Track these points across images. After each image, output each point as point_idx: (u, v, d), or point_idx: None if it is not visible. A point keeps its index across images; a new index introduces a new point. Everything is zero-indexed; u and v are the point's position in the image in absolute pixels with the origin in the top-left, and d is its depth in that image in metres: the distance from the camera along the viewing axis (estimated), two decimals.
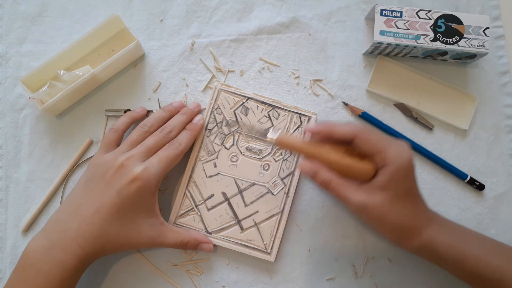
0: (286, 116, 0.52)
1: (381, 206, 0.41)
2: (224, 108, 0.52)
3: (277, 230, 0.49)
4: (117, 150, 0.46)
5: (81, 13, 0.55)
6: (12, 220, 0.51)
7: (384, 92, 0.54)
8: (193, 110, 0.51)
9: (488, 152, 0.54)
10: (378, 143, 0.41)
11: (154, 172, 0.43)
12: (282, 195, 0.50)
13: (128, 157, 0.44)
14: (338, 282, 0.50)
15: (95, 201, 0.43)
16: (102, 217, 0.42)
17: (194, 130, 0.49)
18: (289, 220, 0.50)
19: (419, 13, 0.51)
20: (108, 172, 0.43)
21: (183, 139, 0.47)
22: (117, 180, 0.43)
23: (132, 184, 0.42)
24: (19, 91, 0.53)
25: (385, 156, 0.41)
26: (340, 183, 0.42)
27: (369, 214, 0.42)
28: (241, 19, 0.56)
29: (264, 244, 0.49)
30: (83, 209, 0.43)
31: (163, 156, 0.45)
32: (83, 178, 0.46)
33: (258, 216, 0.50)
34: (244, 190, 0.50)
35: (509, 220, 0.53)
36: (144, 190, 0.43)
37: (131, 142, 0.46)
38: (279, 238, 0.49)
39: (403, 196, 0.42)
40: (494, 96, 0.55)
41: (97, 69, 0.50)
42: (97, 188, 0.43)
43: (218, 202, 0.50)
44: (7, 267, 0.50)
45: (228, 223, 0.49)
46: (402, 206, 0.42)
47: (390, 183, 0.41)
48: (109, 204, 0.42)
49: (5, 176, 0.52)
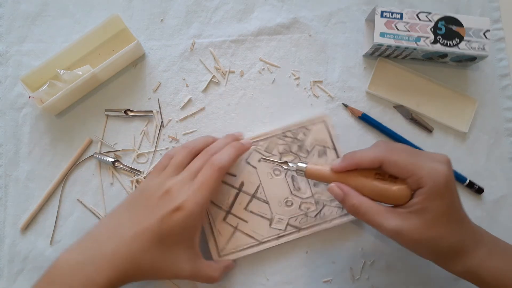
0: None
1: (417, 230, 0.38)
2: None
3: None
4: (164, 174, 0.44)
5: (81, 12, 0.55)
6: (11, 218, 0.51)
7: (384, 94, 0.54)
8: (236, 136, 0.50)
9: (488, 155, 0.54)
10: (407, 166, 0.38)
11: (199, 200, 0.41)
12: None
13: (174, 183, 0.42)
14: (336, 285, 0.50)
15: (136, 224, 0.41)
16: (141, 242, 0.40)
17: (239, 149, 0.46)
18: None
19: (420, 15, 0.50)
20: (154, 196, 0.42)
21: (225, 156, 0.44)
22: (161, 207, 0.41)
23: (176, 212, 0.40)
24: (19, 90, 0.53)
25: (417, 178, 0.38)
26: (370, 209, 0.39)
27: (405, 239, 0.39)
28: (241, 19, 0.56)
29: None
30: (123, 230, 0.41)
31: (205, 179, 0.42)
32: (129, 198, 0.44)
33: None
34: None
35: (507, 224, 0.52)
36: (187, 221, 0.41)
37: (176, 166, 0.45)
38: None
39: (442, 217, 0.38)
40: (494, 99, 0.55)
41: (97, 69, 0.50)
42: (141, 211, 0.42)
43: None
44: (5, 265, 0.50)
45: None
46: (441, 229, 0.38)
47: (426, 206, 0.38)
48: (150, 230, 0.40)
49: (5, 174, 0.52)
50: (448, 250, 0.39)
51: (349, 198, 0.40)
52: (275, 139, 0.51)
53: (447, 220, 0.38)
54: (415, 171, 0.38)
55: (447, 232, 0.38)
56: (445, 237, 0.38)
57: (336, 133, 0.52)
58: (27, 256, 0.50)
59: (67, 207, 0.51)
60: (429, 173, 0.38)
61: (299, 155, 0.51)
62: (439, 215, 0.38)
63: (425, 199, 0.38)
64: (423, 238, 0.38)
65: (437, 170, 0.38)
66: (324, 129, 0.52)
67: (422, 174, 0.38)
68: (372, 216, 0.39)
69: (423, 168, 0.38)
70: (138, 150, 0.52)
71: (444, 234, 0.38)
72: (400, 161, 0.39)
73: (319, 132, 0.52)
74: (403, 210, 0.39)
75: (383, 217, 0.39)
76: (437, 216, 0.38)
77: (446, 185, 0.38)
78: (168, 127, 0.53)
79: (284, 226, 0.50)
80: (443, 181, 0.37)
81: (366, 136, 0.53)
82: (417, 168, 0.38)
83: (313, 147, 0.51)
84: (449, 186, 0.38)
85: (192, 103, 0.54)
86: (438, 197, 0.38)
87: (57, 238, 0.50)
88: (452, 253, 0.39)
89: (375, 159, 0.40)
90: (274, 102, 0.54)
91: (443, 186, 0.38)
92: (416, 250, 0.40)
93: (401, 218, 0.38)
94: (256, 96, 0.54)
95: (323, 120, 0.52)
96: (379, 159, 0.39)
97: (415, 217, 0.38)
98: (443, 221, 0.38)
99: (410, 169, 0.38)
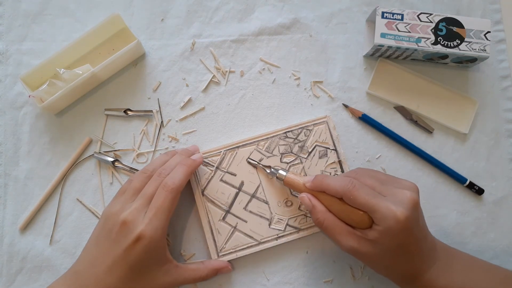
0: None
1: (370, 255, 0.42)
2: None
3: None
4: (122, 200, 0.45)
5: (82, 11, 0.55)
6: (10, 217, 0.51)
7: (384, 94, 0.54)
8: (191, 150, 0.50)
9: (488, 156, 0.54)
10: (365, 205, 0.41)
11: (156, 227, 0.42)
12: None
13: (129, 212, 0.43)
14: (336, 285, 0.50)
15: (107, 258, 0.42)
16: (115, 273, 0.42)
17: (190, 166, 0.46)
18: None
19: (420, 16, 0.50)
20: (113, 229, 0.43)
21: (177, 176, 0.45)
22: (122, 240, 0.42)
23: (137, 243, 0.41)
24: (19, 89, 0.53)
25: (374, 216, 0.41)
26: (332, 226, 0.43)
27: (359, 258, 0.43)
28: (242, 19, 0.56)
29: None
30: (98, 265, 0.42)
31: (159, 205, 0.43)
32: (96, 230, 0.45)
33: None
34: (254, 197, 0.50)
35: (508, 224, 0.52)
36: (150, 247, 0.42)
37: (133, 191, 0.45)
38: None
39: (392, 252, 0.41)
40: (495, 100, 0.55)
41: (97, 68, 0.50)
42: (106, 245, 0.43)
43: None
44: (4, 265, 0.49)
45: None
46: (391, 260, 0.42)
47: (379, 241, 0.41)
48: (120, 264, 0.42)
49: (4, 173, 0.51)
50: (398, 275, 0.44)
51: (316, 211, 0.43)
52: (276, 139, 0.51)
53: (397, 255, 0.41)
54: (371, 209, 0.40)
55: (397, 264, 0.42)
56: (395, 267, 0.43)
57: (337, 134, 0.52)
58: (26, 256, 0.50)
59: (66, 206, 0.51)
60: (383, 215, 0.40)
61: (300, 155, 0.51)
62: (390, 250, 0.41)
63: (378, 235, 0.41)
64: (375, 262, 0.43)
65: (392, 212, 0.39)
66: (326, 130, 0.52)
67: (377, 216, 0.40)
68: (333, 233, 0.43)
69: (379, 210, 0.40)
70: (138, 149, 0.52)
71: (393, 265, 0.42)
72: (359, 198, 0.41)
73: (320, 133, 0.51)
74: (361, 235, 0.42)
75: (342, 236, 0.42)
76: (389, 250, 0.41)
77: (400, 226, 0.39)
78: (168, 127, 0.53)
79: (284, 226, 0.49)
80: (395, 224, 0.39)
81: (366, 136, 0.53)
82: (373, 209, 0.40)
83: (314, 147, 0.51)
84: (404, 226, 0.39)
85: (192, 103, 0.54)
86: (389, 237, 0.40)
87: (56, 238, 0.50)
88: (407, 276, 0.43)
89: (338, 193, 0.42)
90: (274, 102, 0.54)
91: (396, 228, 0.39)
92: (372, 268, 0.45)
93: (357, 241, 0.42)
94: (256, 96, 0.54)
95: (325, 121, 0.52)
96: (340, 194, 0.42)
97: (369, 245, 0.41)
98: (393, 255, 0.42)
99: (367, 208, 0.41)
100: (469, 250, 0.51)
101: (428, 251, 0.43)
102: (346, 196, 0.41)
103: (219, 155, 0.51)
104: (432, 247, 0.44)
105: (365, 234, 0.42)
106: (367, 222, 0.41)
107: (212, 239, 0.49)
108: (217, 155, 0.51)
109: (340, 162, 0.51)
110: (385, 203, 0.40)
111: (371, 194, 0.41)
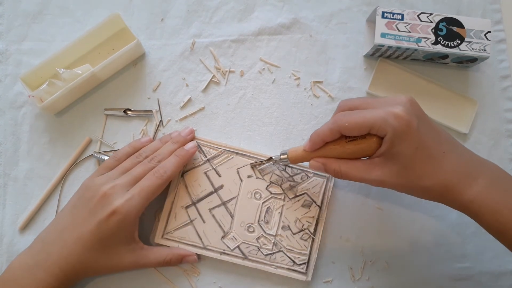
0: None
1: (396, 174, 0.39)
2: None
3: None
4: (108, 175, 0.46)
5: (81, 11, 0.55)
6: (10, 217, 0.51)
7: (384, 94, 0.54)
8: (185, 137, 0.50)
9: (488, 157, 0.53)
10: (362, 124, 0.38)
11: (134, 205, 0.43)
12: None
13: (112, 187, 0.44)
14: (336, 285, 0.50)
15: (78, 228, 0.43)
16: (83, 244, 0.43)
17: (183, 157, 0.47)
18: None
19: (421, 16, 0.50)
20: (92, 200, 0.44)
21: (169, 166, 0.46)
22: (98, 211, 0.43)
23: (111, 217, 0.42)
24: (18, 89, 0.53)
25: (377, 129, 0.38)
26: (350, 168, 0.41)
27: (389, 185, 0.40)
28: (242, 19, 0.56)
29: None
30: (67, 234, 0.43)
31: (145, 186, 0.44)
32: (73, 200, 0.46)
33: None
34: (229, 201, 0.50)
35: None
36: (123, 223, 0.43)
37: (122, 170, 0.46)
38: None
39: (414, 158, 0.38)
40: (495, 100, 0.55)
41: (97, 68, 0.49)
42: (81, 215, 0.44)
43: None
44: (3, 265, 0.49)
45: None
46: (417, 170, 0.38)
47: (394, 151, 0.38)
48: (90, 234, 0.43)
49: (3, 173, 0.51)
50: (434, 189, 0.39)
51: (328, 166, 0.42)
52: (274, 168, 0.50)
53: (421, 161, 0.38)
54: (370, 125, 0.38)
55: (425, 172, 0.38)
56: (424, 177, 0.38)
57: (330, 196, 0.50)
58: None
59: None
60: (383, 119, 0.37)
61: (286, 194, 0.50)
62: (411, 157, 0.38)
63: (390, 145, 0.38)
64: (404, 181, 0.39)
65: (390, 113, 0.37)
66: (322, 186, 0.50)
67: (379, 124, 0.37)
68: (353, 174, 0.41)
69: (377, 117, 0.37)
70: None
71: (422, 174, 0.38)
72: (353, 123, 0.39)
73: (316, 185, 0.50)
74: (379, 159, 0.40)
75: (364, 172, 0.40)
76: (409, 158, 0.38)
77: (403, 123, 0.37)
78: (168, 127, 0.53)
79: (234, 246, 0.48)
80: (398, 123, 0.37)
81: None
82: (371, 121, 0.38)
83: (303, 194, 0.50)
84: (407, 123, 0.37)
85: (192, 102, 0.54)
86: (402, 140, 0.37)
87: None
88: (447, 191, 0.39)
89: (333, 131, 0.40)
90: (274, 102, 0.54)
91: (400, 127, 0.37)
92: (405, 192, 0.41)
93: (379, 167, 0.39)
94: (256, 96, 0.54)
95: (327, 178, 0.50)
96: (336, 130, 0.40)
97: (390, 163, 0.39)
98: (417, 162, 0.38)
99: (366, 125, 0.38)
100: (469, 250, 0.51)
101: (460, 161, 0.39)
102: (342, 129, 0.39)
103: (217, 150, 0.51)
104: (469, 159, 0.40)
105: (380, 153, 0.39)
106: (375, 142, 0.39)
107: (166, 219, 0.49)
108: (215, 150, 0.51)
109: (318, 220, 0.49)
110: (380, 110, 0.38)
111: (363, 111, 0.39)
